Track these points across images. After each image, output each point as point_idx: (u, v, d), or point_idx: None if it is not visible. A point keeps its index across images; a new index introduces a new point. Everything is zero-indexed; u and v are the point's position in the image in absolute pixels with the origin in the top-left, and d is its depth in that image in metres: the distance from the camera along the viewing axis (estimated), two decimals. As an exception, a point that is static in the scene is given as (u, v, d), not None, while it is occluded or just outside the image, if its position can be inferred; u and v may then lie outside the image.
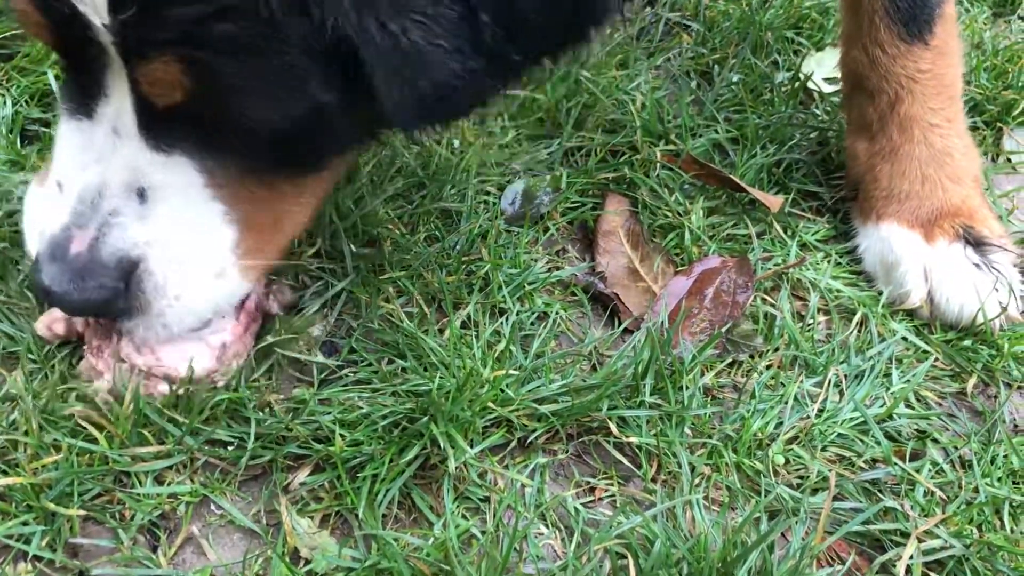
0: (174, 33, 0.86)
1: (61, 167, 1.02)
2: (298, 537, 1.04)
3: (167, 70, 0.89)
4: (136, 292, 1.02)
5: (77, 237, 0.99)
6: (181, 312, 1.05)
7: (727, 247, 1.40)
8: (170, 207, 1.00)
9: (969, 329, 1.32)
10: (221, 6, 0.84)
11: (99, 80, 0.96)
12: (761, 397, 1.21)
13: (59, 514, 1.02)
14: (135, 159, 0.98)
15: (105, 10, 0.86)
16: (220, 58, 0.87)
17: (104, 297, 1.01)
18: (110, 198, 0.99)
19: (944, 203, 1.39)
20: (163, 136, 0.98)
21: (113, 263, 0.99)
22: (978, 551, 1.06)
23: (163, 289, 1.03)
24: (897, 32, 1.36)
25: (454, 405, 1.10)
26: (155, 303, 1.03)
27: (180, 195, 1.00)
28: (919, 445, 1.19)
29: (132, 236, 1.00)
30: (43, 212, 1.03)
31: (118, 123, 0.97)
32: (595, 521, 1.09)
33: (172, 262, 1.02)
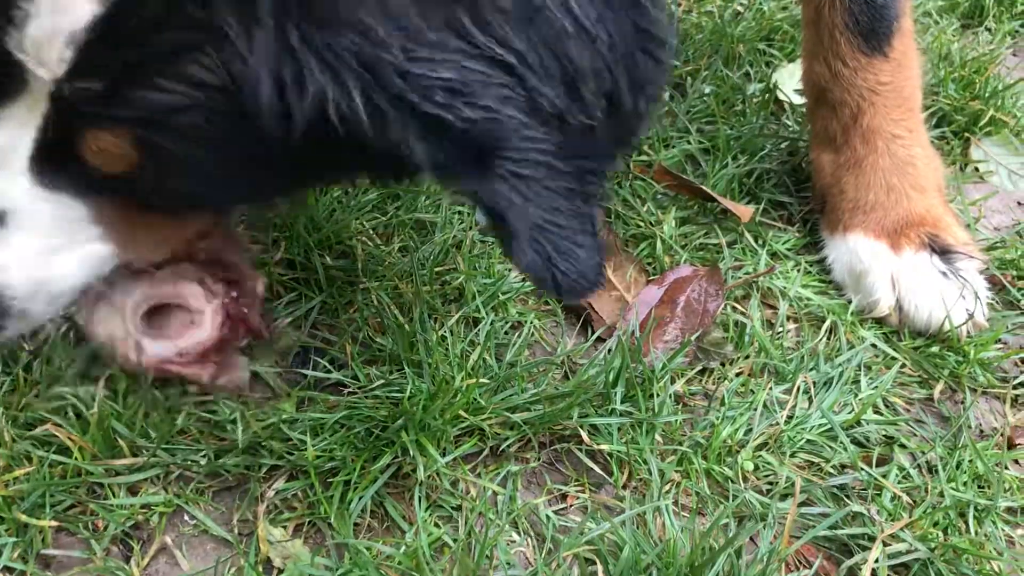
0: (138, 113, 0.79)
1: None
2: (271, 546, 1.05)
3: (119, 145, 0.82)
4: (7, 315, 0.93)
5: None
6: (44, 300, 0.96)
7: (698, 256, 1.42)
8: (32, 235, 0.91)
9: (937, 336, 1.34)
10: (196, 101, 0.78)
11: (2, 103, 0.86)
12: (731, 404, 1.23)
13: (31, 525, 1.03)
14: (9, 189, 0.89)
15: (56, 70, 0.78)
16: (182, 143, 0.81)
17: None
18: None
19: (909, 212, 1.41)
20: (56, 178, 0.89)
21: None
22: (943, 554, 1.08)
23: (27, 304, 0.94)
24: (857, 45, 1.38)
25: (426, 413, 1.11)
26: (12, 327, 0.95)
27: (51, 227, 0.91)
28: (886, 450, 1.21)
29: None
30: None
31: (4, 151, 0.87)
32: (566, 528, 1.10)
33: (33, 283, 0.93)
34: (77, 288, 0.96)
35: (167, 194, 0.90)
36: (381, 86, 0.75)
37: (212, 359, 1.08)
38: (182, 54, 0.77)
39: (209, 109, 0.79)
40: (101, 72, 0.78)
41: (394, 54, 0.75)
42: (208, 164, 0.84)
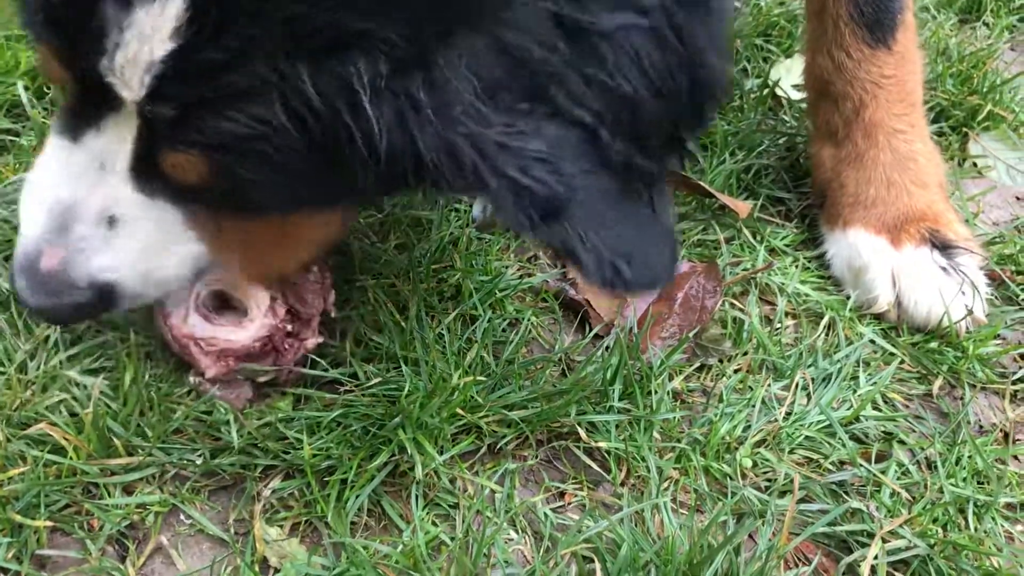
0: (206, 139, 0.86)
1: (38, 176, 1.02)
2: (267, 545, 1.04)
3: (192, 163, 0.89)
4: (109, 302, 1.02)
5: (47, 253, 0.98)
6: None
7: (696, 252, 1.41)
8: (138, 240, 0.99)
9: (936, 332, 1.34)
10: (267, 137, 0.84)
11: (98, 117, 0.94)
12: (729, 401, 1.22)
13: (26, 525, 1.02)
14: (115, 192, 0.97)
15: (138, 94, 0.85)
16: (249, 166, 0.87)
17: (79, 313, 1.02)
18: (80, 223, 0.98)
19: (910, 208, 1.40)
20: (153, 185, 0.96)
21: (84, 283, 0.99)
22: (942, 551, 1.08)
23: (134, 298, 1.04)
24: (862, 36, 1.38)
25: (423, 411, 1.11)
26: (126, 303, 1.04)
27: (154, 231, 0.99)
28: (885, 447, 1.20)
29: (98, 263, 0.99)
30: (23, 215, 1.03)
31: (106, 159, 0.96)
32: (564, 526, 1.09)
33: (140, 276, 1.02)
34: (179, 279, 1.05)
35: (240, 204, 0.96)
36: (480, 152, 0.84)
37: (230, 363, 1.12)
38: (252, 95, 0.83)
39: (278, 142, 0.85)
40: (175, 100, 0.85)
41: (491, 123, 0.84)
42: (277, 183, 0.90)
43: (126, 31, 0.82)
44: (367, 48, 0.81)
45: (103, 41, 0.84)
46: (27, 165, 1.38)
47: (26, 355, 1.17)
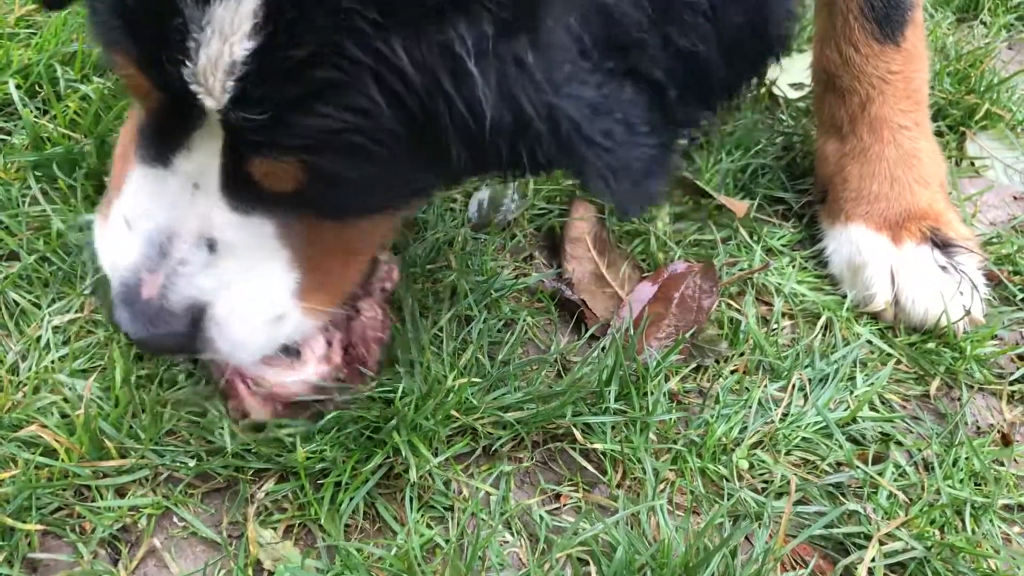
0: (299, 140, 0.83)
1: (130, 206, 1.00)
2: (261, 548, 1.04)
3: (284, 168, 0.87)
4: (202, 335, 1.01)
5: (147, 282, 0.98)
6: (241, 353, 1.05)
7: (693, 252, 1.41)
8: (238, 259, 0.99)
9: (932, 332, 1.33)
10: (356, 126, 0.81)
11: (184, 136, 0.93)
12: (726, 402, 1.22)
13: (17, 529, 1.01)
14: (211, 214, 0.96)
15: (222, 101, 0.82)
16: (339, 162, 0.85)
17: (177, 343, 1.01)
18: (180, 247, 0.97)
19: (912, 206, 1.40)
20: (244, 198, 0.95)
21: (182, 310, 0.98)
22: (939, 553, 1.07)
23: (226, 335, 1.01)
24: (871, 31, 1.38)
25: (418, 413, 1.10)
26: (219, 345, 1.02)
27: (250, 249, 0.99)
28: (882, 448, 1.20)
29: (199, 284, 0.98)
30: (113, 248, 1.02)
31: (199, 179, 0.95)
32: (560, 528, 1.09)
33: (236, 308, 1.01)
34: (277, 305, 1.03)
35: (333, 208, 0.96)
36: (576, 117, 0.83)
37: (277, 408, 1.11)
38: (343, 84, 0.79)
39: (374, 129, 0.82)
40: (261, 103, 0.81)
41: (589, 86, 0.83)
42: (373, 177, 0.89)
43: (206, 29, 0.79)
44: (469, 10, 0.77)
45: (184, 43, 0.81)
46: (18, 166, 1.37)
47: (17, 356, 1.17)
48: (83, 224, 1.26)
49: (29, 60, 1.49)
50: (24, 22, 1.59)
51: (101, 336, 1.19)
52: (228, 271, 0.99)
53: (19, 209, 1.32)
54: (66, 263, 1.27)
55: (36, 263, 1.26)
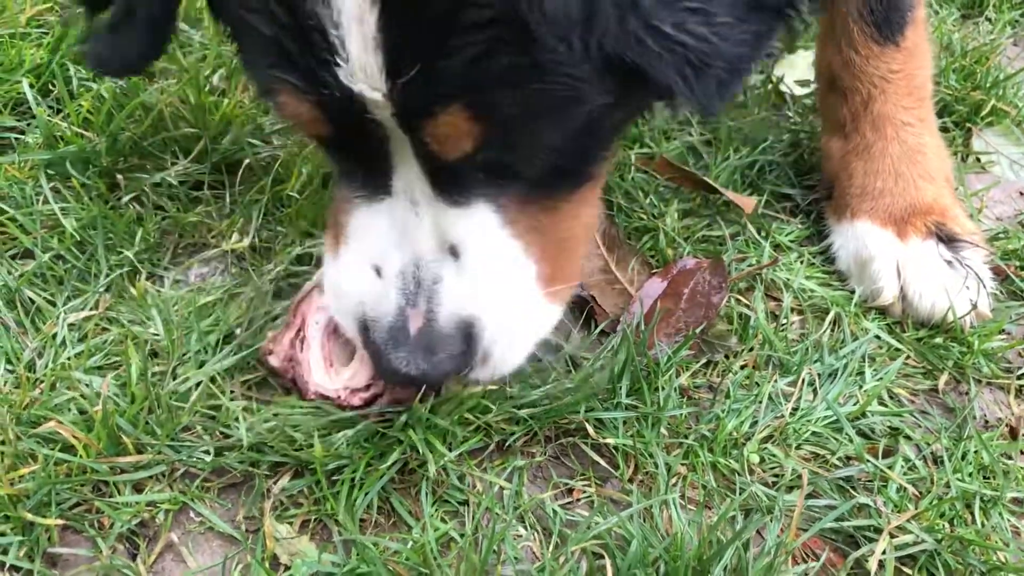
0: (455, 82, 0.85)
1: (373, 251, 1.03)
2: (278, 543, 1.05)
3: (455, 122, 0.88)
4: (476, 349, 1.03)
5: (412, 316, 1.00)
6: (515, 356, 1.08)
7: (702, 248, 1.41)
8: (479, 256, 1.01)
9: (940, 326, 1.34)
10: (490, 42, 0.83)
11: (383, 158, 0.96)
12: (736, 397, 1.22)
13: (37, 524, 1.02)
14: (439, 221, 0.99)
15: (382, 80, 0.85)
16: (500, 94, 0.86)
17: (456, 365, 1.02)
18: (428, 267, 1.00)
19: (917, 201, 1.41)
20: (455, 190, 0.98)
21: (453, 330, 1.00)
22: (949, 545, 1.08)
23: (498, 339, 1.04)
24: (870, 34, 1.38)
25: (434, 415, 1.11)
26: (494, 354, 1.05)
27: (485, 242, 1.01)
28: (892, 442, 1.21)
29: (459, 296, 1.00)
30: (362, 296, 1.04)
31: (414, 193, 0.98)
32: (573, 522, 1.10)
33: (498, 310, 1.03)
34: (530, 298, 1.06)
35: (521, 157, 0.96)
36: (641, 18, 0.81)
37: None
38: (455, 5, 0.81)
39: (504, 45, 0.83)
40: (408, 60, 0.83)
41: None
42: (536, 110, 0.89)
43: (340, 20, 0.82)
44: None
45: (330, 43, 0.84)
46: (32, 164, 1.38)
47: (34, 353, 1.18)
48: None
49: (41, 60, 1.50)
50: (36, 22, 1.60)
51: (116, 333, 1.20)
52: (478, 273, 1.01)
53: (33, 207, 1.33)
54: (80, 260, 1.28)
55: (51, 261, 1.27)
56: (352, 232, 1.04)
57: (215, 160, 1.42)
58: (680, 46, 0.83)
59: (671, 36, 0.82)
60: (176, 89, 1.48)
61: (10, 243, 1.30)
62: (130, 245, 1.30)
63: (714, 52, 0.84)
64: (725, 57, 0.85)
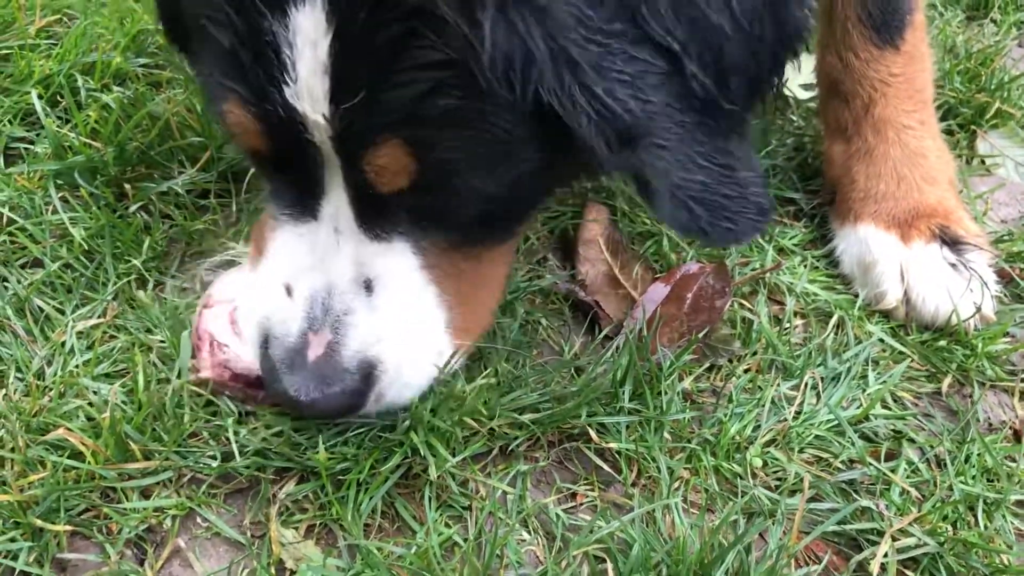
0: (397, 115, 0.87)
1: (287, 270, 1.03)
2: (283, 547, 1.06)
3: (393, 154, 0.90)
4: (373, 389, 1.03)
5: (313, 342, 1.00)
6: (406, 396, 1.08)
7: (705, 253, 1.42)
8: (393, 296, 1.01)
9: (944, 329, 1.34)
10: (436, 82, 0.85)
11: (316, 182, 0.97)
12: (739, 401, 1.23)
13: (46, 530, 1.04)
14: (358, 253, 0.99)
15: (325, 104, 0.87)
16: (440, 134, 0.88)
17: (349, 403, 1.02)
18: (340, 296, 1.00)
19: (920, 204, 1.41)
20: (380, 224, 0.99)
21: (355, 366, 1.00)
22: (952, 548, 1.08)
23: (395, 380, 1.05)
24: (869, 38, 1.39)
25: (435, 417, 1.12)
26: (387, 395, 1.05)
27: (401, 282, 1.01)
28: (895, 445, 1.21)
29: (366, 334, 1.00)
30: (268, 311, 1.04)
31: (338, 221, 0.98)
32: (576, 526, 1.10)
33: (402, 355, 1.04)
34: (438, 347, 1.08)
35: (451, 203, 0.97)
36: (576, 75, 0.83)
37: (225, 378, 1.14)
38: (407, 42, 0.84)
39: (449, 88, 0.86)
40: (353, 88, 0.86)
41: (585, 44, 0.82)
42: (472, 153, 0.91)
43: (295, 41, 0.85)
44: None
45: (282, 61, 0.86)
46: (41, 174, 1.40)
47: (43, 361, 1.19)
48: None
49: (50, 71, 1.52)
50: (45, 33, 1.62)
51: (123, 340, 1.22)
52: (389, 313, 1.01)
53: (42, 217, 1.35)
54: (88, 269, 1.30)
55: (59, 270, 1.29)
56: (273, 248, 1.05)
57: (221, 168, 1.43)
58: (608, 112, 0.84)
59: (601, 99, 0.84)
60: (183, 99, 1.49)
61: (20, 252, 1.32)
62: (138, 253, 1.31)
63: (641, 128, 0.86)
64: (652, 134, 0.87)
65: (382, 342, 1.02)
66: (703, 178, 0.91)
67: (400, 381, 1.05)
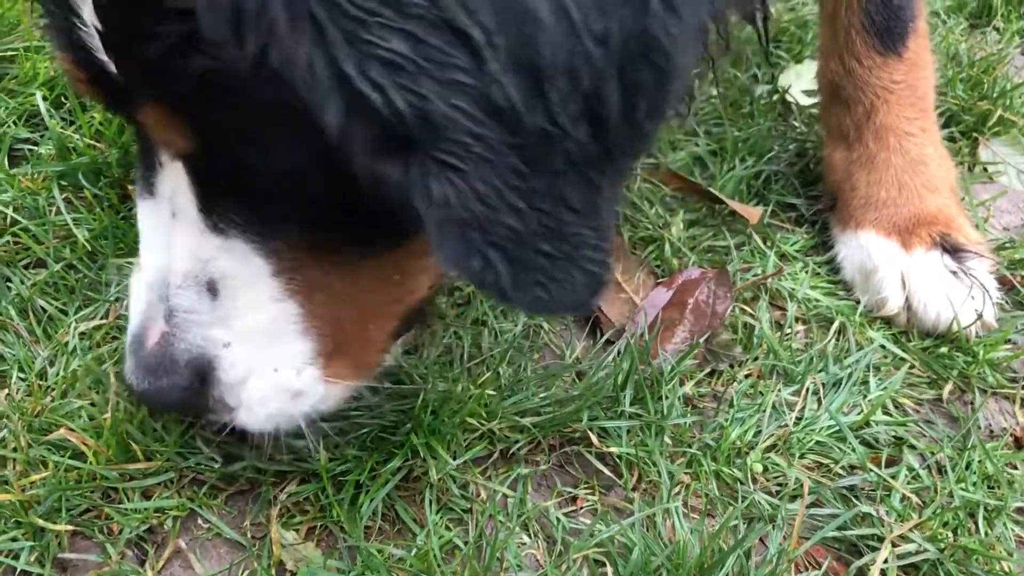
0: (153, 69, 0.74)
1: (142, 248, 0.94)
2: (284, 549, 1.06)
3: (156, 113, 0.79)
4: (209, 394, 0.92)
5: (151, 329, 0.90)
6: (259, 418, 0.96)
7: (707, 258, 1.42)
8: (241, 305, 0.89)
9: (945, 336, 1.34)
10: (187, 35, 0.70)
11: (150, 149, 0.85)
12: (740, 406, 1.23)
13: (48, 529, 1.04)
14: (197, 244, 0.87)
15: (107, 57, 0.76)
16: (201, 94, 0.74)
17: (178, 398, 0.92)
18: (179, 290, 0.89)
19: (921, 211, 1.41)
20: (219, 214, 0.86)
21: (184, 362, 0.90)
22: (952, 555, 1.08)
23: (237, 397, 0.93)
24: (872, 44, 1.39)
25: (435, 419, 1.12)
26: (238, 417, 0.95)
27: (249, 289, 0.89)
28: (896, 451, 1.21)
29: (204, 336, 0.89)
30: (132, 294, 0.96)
31: (176, 203, 0.86)
32: (576, 530, 1.10)
33: (253, 370, 0.92)
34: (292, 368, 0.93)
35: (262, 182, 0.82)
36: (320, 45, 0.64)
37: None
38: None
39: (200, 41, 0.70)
40: (118, 40, 0.75)
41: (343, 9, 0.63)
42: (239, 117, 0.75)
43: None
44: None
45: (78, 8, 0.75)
46: (45, 176, 1.40)
47: (45, 362, 1.19)
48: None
49: (55, 72, 1.52)
50: (50, 35, 1.62)
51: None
52: (235, 322, 0.89)
53: (46, 218, 1.35)
54: (91, 270, 1.30)
55: (63, 271, 1.29)
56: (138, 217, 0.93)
57: (225, 171, 1.43)
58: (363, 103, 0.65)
59: (352, 83, 0.64)
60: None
61: (23, 253, 1.32)
62: (141, 255, 1.31)
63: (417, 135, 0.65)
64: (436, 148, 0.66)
65: (221, 350, 0.90)
66: (513, 223, 0.69)
67: (249, 397, 0.93)
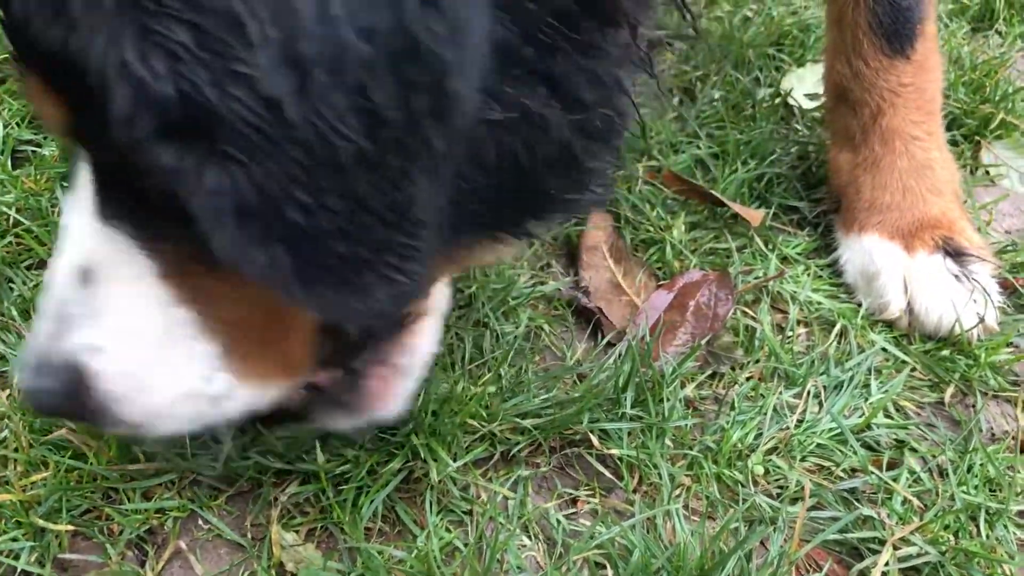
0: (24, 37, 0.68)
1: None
2: (284, 550, 1.06)
3: (33, 82, 0.72)
4: (83, 404, 0.80)
5: (43, 327, 0.81)
6: (165, 423, 0.85)
7: (708, 261, 1.42)
8: (115, 301, 0.79)
9: (947, 339, 1.34)
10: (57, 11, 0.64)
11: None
12: (741, 408, 1.23)
13: (48, 530, 1.04)
14: (84, 232, 0.78)
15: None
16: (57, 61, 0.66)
17: (52, 403, 0.82)
18: (59, 283, 0.80)
19: (925, 215, 1.41)
20: (113, 204, 0.77)
21: (59, 364, 0.79)
22: (953, 558, 1.08)
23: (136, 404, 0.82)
24: (880, 46, 1.39)
25: (436, 420, 1.12)
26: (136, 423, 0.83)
27: (128, 285, 0.79)
28: (897, 454, 1.21)
29: (81, 335, 0.79)
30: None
31: (80, 183, 0.79)
32: (577, 532, 1.10)
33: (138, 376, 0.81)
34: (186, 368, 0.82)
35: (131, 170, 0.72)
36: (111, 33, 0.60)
37: None
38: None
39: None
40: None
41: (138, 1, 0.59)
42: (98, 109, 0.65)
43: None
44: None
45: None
46: (47, 177, 1.40)
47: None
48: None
49: (58, 74, 1.53)
50: (53, 37, 1.63)
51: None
52: (111, 319, 0.79)
53: (48, 219, 1.35)
54: (94, 271, 1.30)
55: (65, 271, 1.29)
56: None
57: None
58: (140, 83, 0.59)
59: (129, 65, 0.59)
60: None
61: (26, 254, 1.33)
62: (143, 256, 1.31)
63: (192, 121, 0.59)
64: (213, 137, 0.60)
65: (95, 353, 0.79)
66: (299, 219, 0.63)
67: (144, 406, 0.82)
